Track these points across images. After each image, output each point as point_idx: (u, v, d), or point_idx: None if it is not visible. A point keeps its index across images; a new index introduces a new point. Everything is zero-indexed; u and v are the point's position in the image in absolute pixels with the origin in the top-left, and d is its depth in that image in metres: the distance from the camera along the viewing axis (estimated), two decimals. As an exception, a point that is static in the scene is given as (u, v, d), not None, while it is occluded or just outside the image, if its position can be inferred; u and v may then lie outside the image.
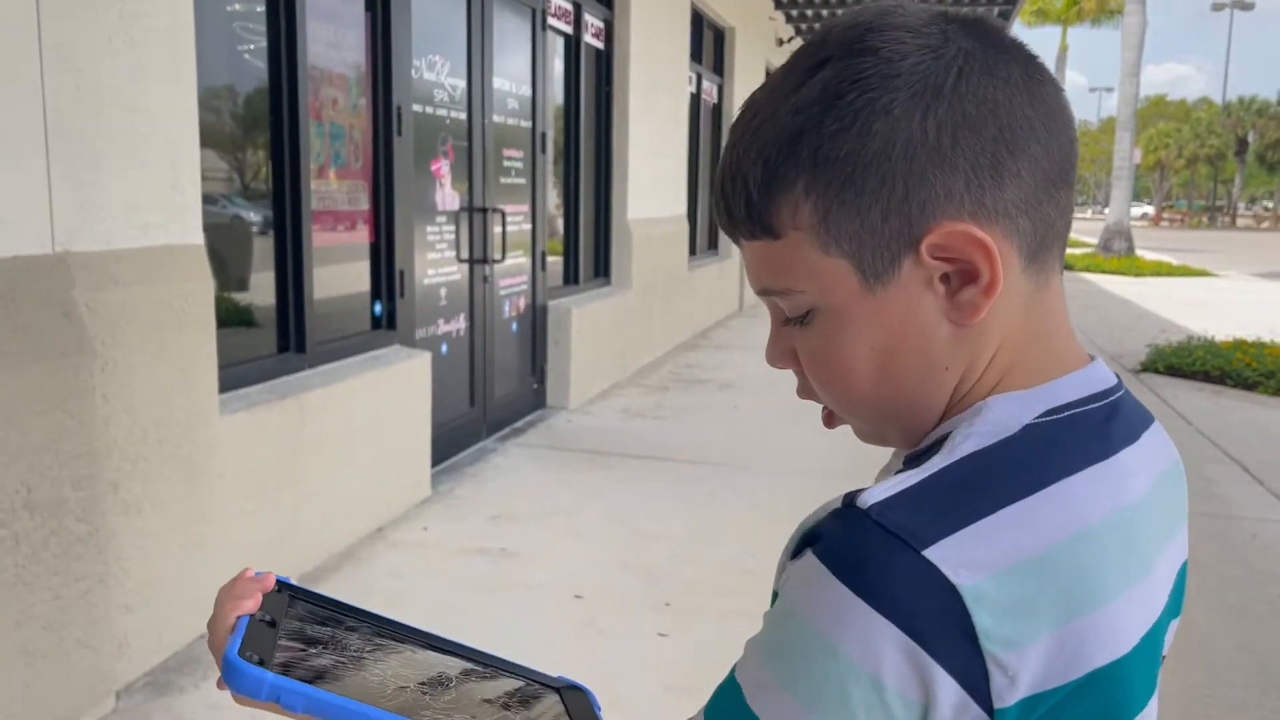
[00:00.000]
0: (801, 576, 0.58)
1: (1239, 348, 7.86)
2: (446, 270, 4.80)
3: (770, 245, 0.65)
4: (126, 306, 2.63)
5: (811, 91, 0.62)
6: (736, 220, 0.66)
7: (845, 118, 0.60)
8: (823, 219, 0.62)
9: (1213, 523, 4.37)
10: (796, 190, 0.62)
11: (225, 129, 3.43)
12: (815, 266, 0.64)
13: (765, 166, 0.63)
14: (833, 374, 0.67)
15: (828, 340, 0.66)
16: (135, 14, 2.64)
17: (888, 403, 0.67)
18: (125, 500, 2.65)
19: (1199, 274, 18.57)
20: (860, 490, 0.59)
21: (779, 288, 0.66)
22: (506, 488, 4.51)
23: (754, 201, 0.64)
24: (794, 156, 0.62)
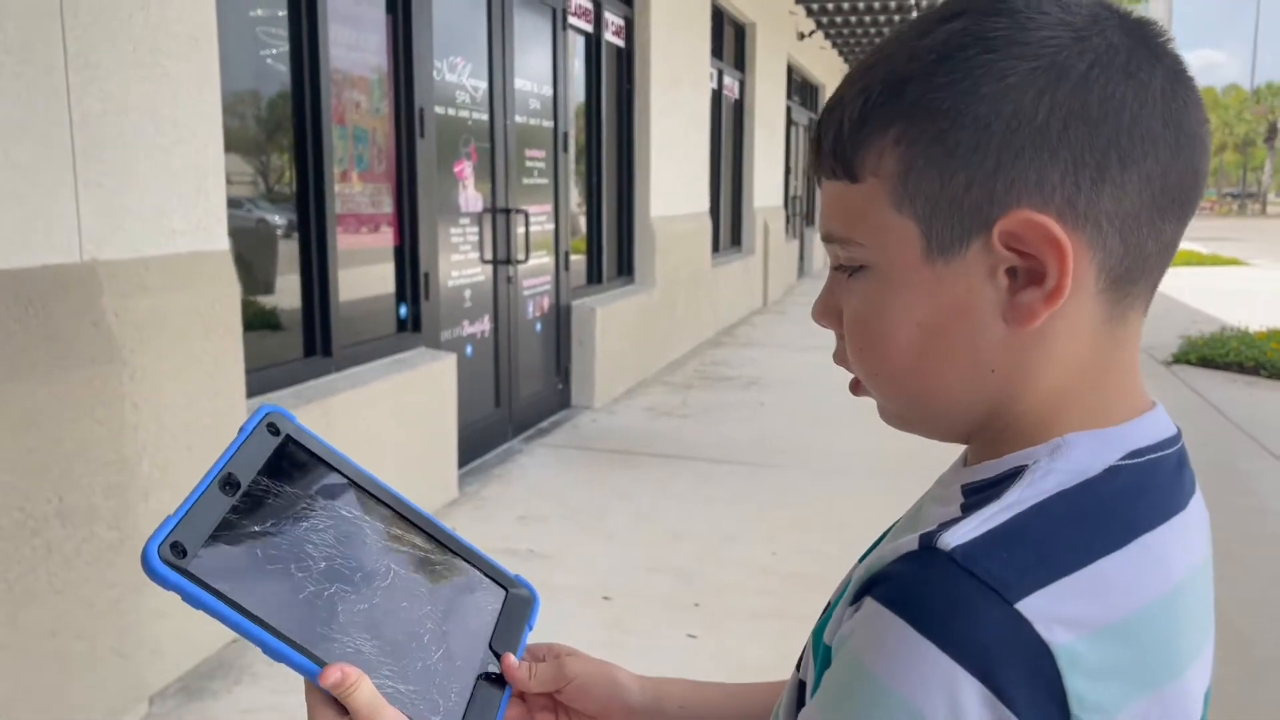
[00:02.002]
0: (872, 629, 0.53)
1: (1274, 338, 7.74)
2: (470, 272, 4.80)
3: (846, 188, 0.61)
4: (155, 314, 2.64)
5: (934, 40, 0.58)
6: (822, 154, 0.63)
7: (957, 72, 0.56)
8: (904, 172, 0.58)
9: (1250, 518, 4.30)
10: (887, 136, 0.59)
11: (249, 134, 3.44)
12: (883, 222, 0.60)
13: (865, 104, 0.60)
14: (871, 341, 0.63)
15: (875, 304, 0.62)
16: (160, 22, 2.65)
17: (921, 388, 0.63)
18: (155, 507, 2.66)
19: (1230, 263, 18.33)
20: (936, 530, 0.54)
21: (841, 235, 0.62)
22: (533, 488, 4.50)
23: (843, 138, 0.61)
24: (895, 101, 0.58)
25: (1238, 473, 4.93)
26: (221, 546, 0.63)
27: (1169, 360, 7.83)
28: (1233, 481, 4.79)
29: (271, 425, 0.70)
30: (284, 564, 0.67)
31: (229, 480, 0.65)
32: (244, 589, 0.63)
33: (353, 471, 0.76)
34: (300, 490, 0.71)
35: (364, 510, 0.75)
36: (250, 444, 0.68)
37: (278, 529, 0.67)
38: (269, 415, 0.70)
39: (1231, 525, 4.16)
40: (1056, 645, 0.50)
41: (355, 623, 0.68)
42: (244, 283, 3.16)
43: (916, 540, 0.54)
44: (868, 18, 13.08)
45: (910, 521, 0.66)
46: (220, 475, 0.65)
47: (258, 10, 3.41)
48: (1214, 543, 2.25)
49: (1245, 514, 4.34)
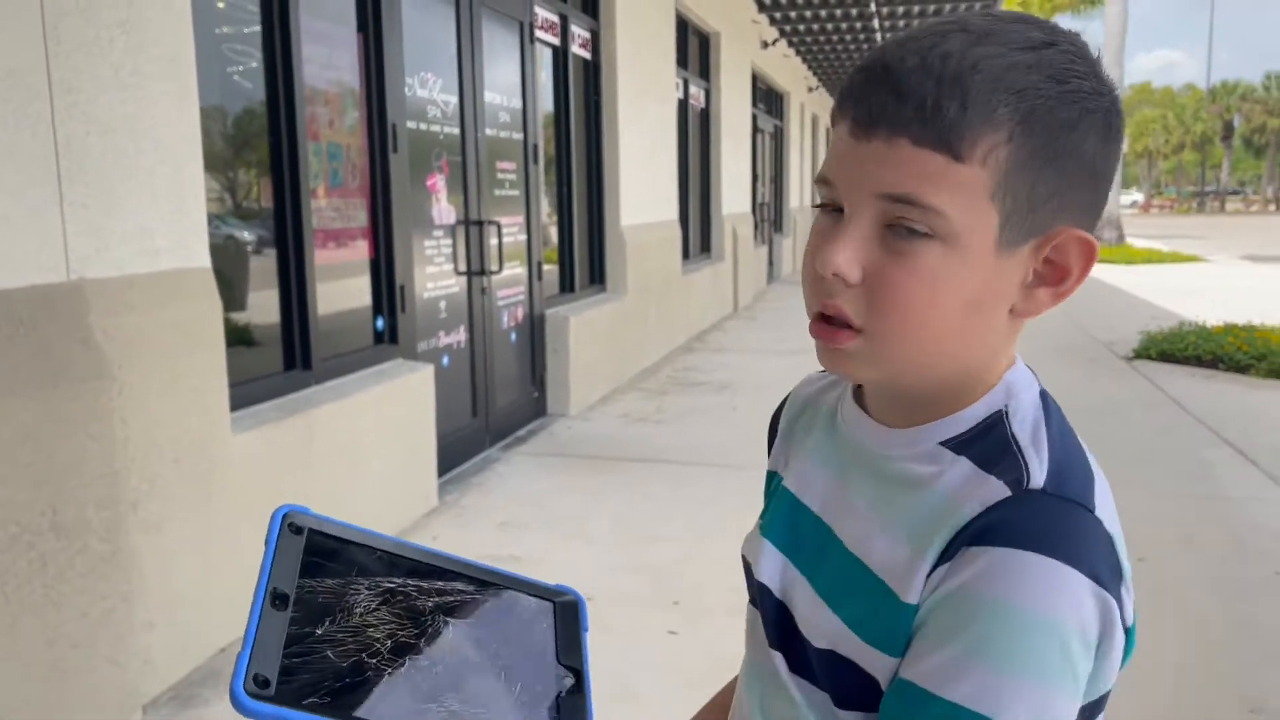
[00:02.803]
0: (1007, 569, 0.63)
1: (1230, 332, 7.95)
2: (445, 283, 4.88)
3: (940, 160, 0.65)
4: (141, 330, 2.70)
5: (1044, 59, 0.66)
6: (926, 121, 0.65)
7: (1068, 100, 0.66)
8: (1008, 170, 0.66)
9: (1209, 504, 4.45)
10: (1001, 133, 0.65)
11: (228, 153, 3.50)
12: (974, 205, 0.66)
13: (990, 92, 0.64)
14: (915, 304, 0.68)
15: (934, 272, 0.67)
16: (140, 45, 2.72)
17: (939, 354, 0.71)
18: (145, 519, 2.72)
19: (1190, 260, 18.71)
20: (1014, 476, 0.67)
21: (927, 201, 0.66)
22: (512, 495, 4.58)
23: (957, 118, 0.64)
24: (1019, 102, 0.65)
25: (1196, 461, 5.09)
26: (296, 661, 0.66)
27: (1130, 356, 8.02)
28: (1191, 470, 4.95)
29: (292, 525, 0.71)
30: (356, 656, 0.69)
31: (277, 596, 0.67)
32: (333, 695, 0.66)
33: (378, 541, 0.77)
34: (341, 578, 0.72)
35: (402, 574, 0.76)
36: (280, 552, 0.69)
37: (337, 624, 0.70)
38: (286, 516, 0.71)
39: (1190, 512, 4.31)
40: (1115, 535, 0.67)
41: (438, 686, 0.71)
42: (225, 298, 3.22)
43: (1005, 488, 0.66)
44: (830, 25, 13.27)
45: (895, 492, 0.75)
46: (268, 594, 0.67)
47: (233, 30, 3.48)
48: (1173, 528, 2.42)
49: (1203, 501, 4.49)
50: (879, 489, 0.76)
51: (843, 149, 0.70)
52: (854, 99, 0.69)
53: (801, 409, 0.93)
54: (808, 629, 0.76)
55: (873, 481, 0.77)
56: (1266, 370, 7.15)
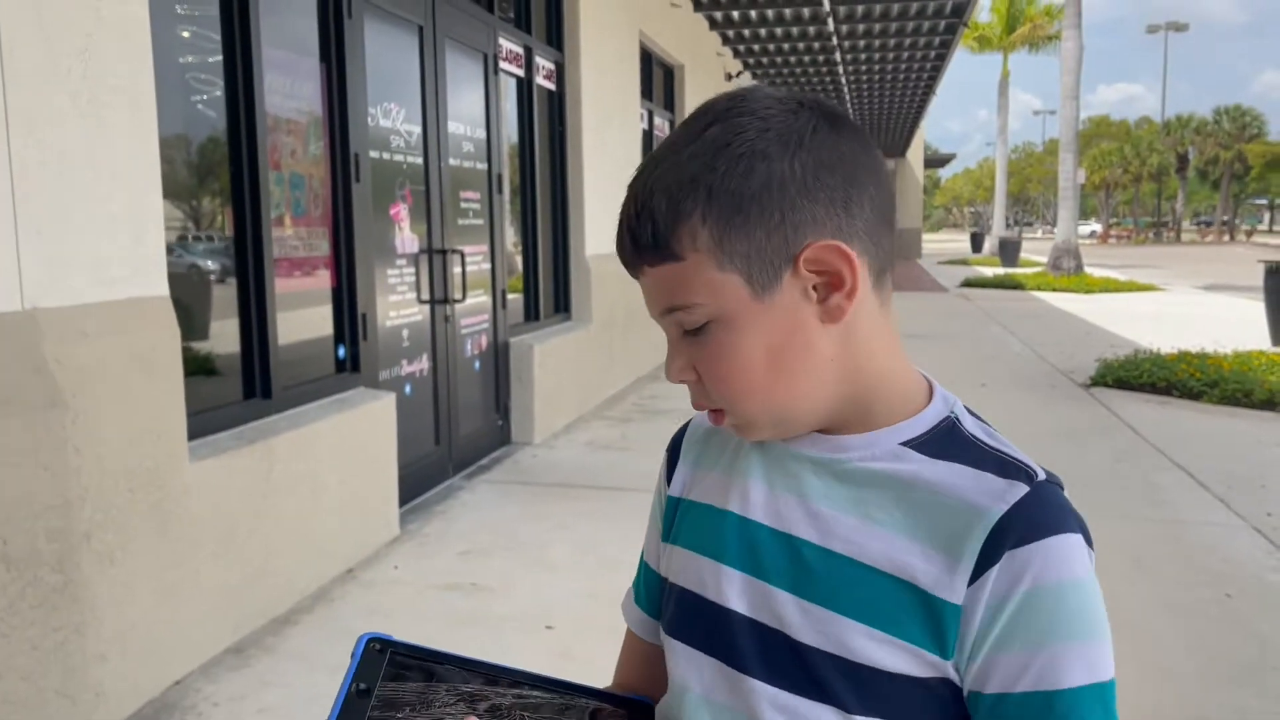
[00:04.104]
0: (1060, 554, 0.74)
1: (1183, 359, 8.10)
2: (408, 312, 4.88)
3: (673, 268, 0.77)
4: (95, 359, 2.68)
5: (704, 144, 0.77)
6: (643, 249, 0.78)
7: (731, 161, 0.75)
8: (718, 242, 0.76)
9: (1161, 528, 4.52)
10: (694, 219, 0.76)
11: (187, 181, 3.50)
12: (713, 281, 0.77)
13: (669, 201, 0.76)
14: (731, 373, 0.79)
15: (725, 345, 0.78)
16: (97, 73, 2.72)
17: (784, 396, 0.80)
18: (98, 550, 2.68)
19: (1146, 289, 19.05)
20: (1023, 470, 0.77)
21: (682, 303, 0.78)
22: (475, 524, 4.56)
23: (660, 231, 0.77)
24: (693, 193, 0.76)
25: (1150, 486, 5.18)
26: None
27: (1088, 383, 8.15)
28: (1145, 494, 5.03)
29: (375, 645, 0.78)
30: None
31: (361, 690, 0.74)
32: None
33: (458, 659, 0.83)
34: (422, 683, 0.79)
35: (481, 680, 0.83)
36: (364, 663, 0.76)
37: (417, 712, 0.77)
38: (370, 641, 0.78)
39: (1144, 535, 4.38)
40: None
41: None
42: (184, 327, 3.20)
43: (1023, 485, 0.76)
44: (793, 58, 13.47)
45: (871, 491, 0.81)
46: (352, 688, 0.74)
47: (195, 59, 3.49)
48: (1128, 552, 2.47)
49: (1157, 525, 4.57)
50: (848, 490, 0.81)
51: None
52: (618, 252, 0.82)
53: (707, 435, 0.96)
54: (808, 636, 0.80)
55: (836, 484, 0.82)
56: (1218, 397, 7.29)
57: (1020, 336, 11.31)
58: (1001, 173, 33.23)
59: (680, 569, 0.91)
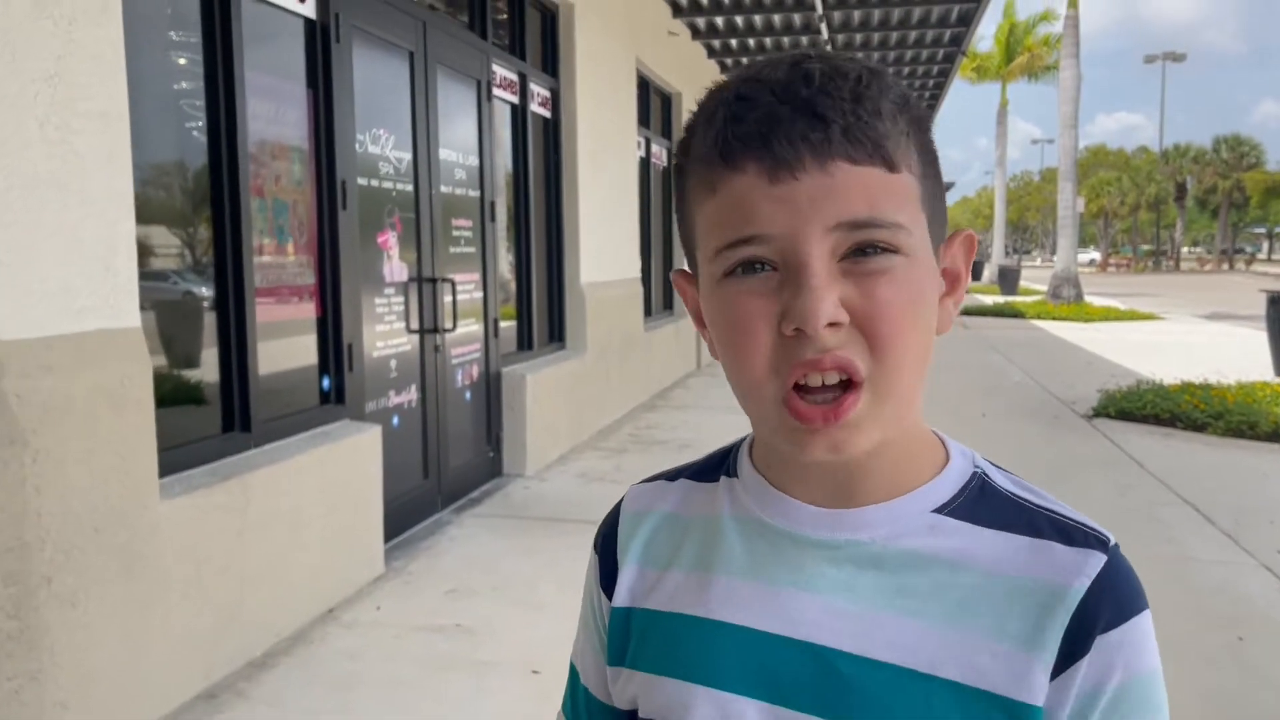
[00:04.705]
0: (1140, 640, 0.66)
1: (1187, 390, 7.99)
2: (396, 341, 4.77)
3: (884, 176, 0.62)
4: (59, 394, 2.57)
5: (895, 85, 0.65)
6: (854, 138, 0.61)
7: (921, 116, 0.66)
8: (921, 176, 0.65)
9: (1168, 566, 4.39)
10: (911, 142, 0.64)
11: (165, 207, 3.40)
12: (916, 214, 0.64)
13: (887, 101, 0.63)
14: (917, 323, 0.63)
15: (916, 287, 0.63)
16: (67, 99, 2.63)
17: (919, 376, 0.66)
18: (59, 593, 2.56)
19: (1146, 318, 18.96)
20: (1091, 534, 0.68)
21: (888, 219, 0.62)
22: (462, 561, 4.43)
23: (881, 127, 0.62)
24: (903, 107, 0.64)
25: (1155, 522, 5.05)
26: None
27: (1090, 414, 8.03)
28: (1151, 530, 4.90)
29: None
30: None
31: None
32: None
33: None
34: None
35: None
36: None
37: None
38: None
39: (1150, 574, 4.21)
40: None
41: None
42: (163, 357, 3.10)
43: (1099, 554, 0.66)
44: (791, 86, 13.42)
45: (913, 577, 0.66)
46: None
47: (175, 83, 3.40)
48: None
49: (1164, 562, 4.44)
50: (879, 579, 0.66)
51: (762, 197, 0.61)
52: (758, 140, 0.61)
53: (654, 528, 0.78)
54: None
55: (861, 573, 0.67)
56: (1223, 429, 7.18)
57: (1021, 366, 11.20)
58: (1000, 201, 33.26)
59: (654, 700, 0.72)
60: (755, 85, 0.63)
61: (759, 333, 0.63)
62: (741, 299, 0.63)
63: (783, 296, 0.62)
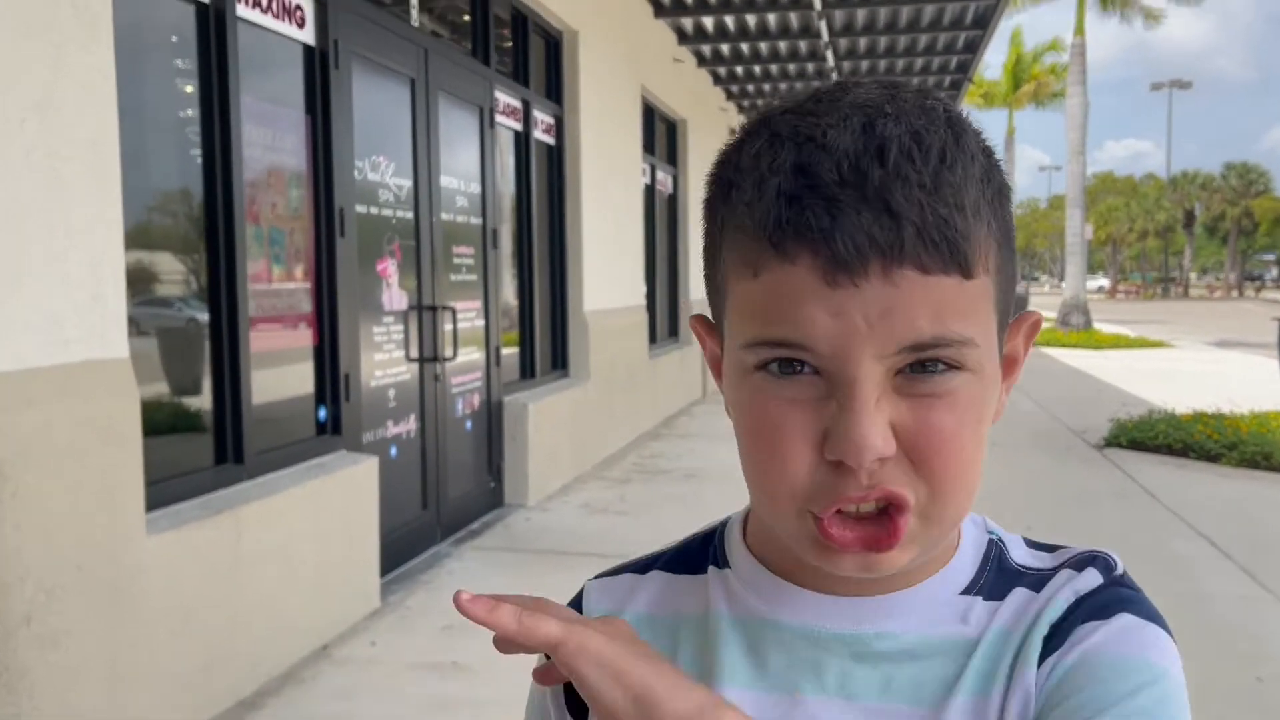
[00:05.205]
0: (1156, 643, 0.58)
1: (1200, 420, 7.87)
2: (395, 370, 4.71)
3: (954, 284, 0.53)
4: (42, 426, 2.50)
5: (977, 147, 0.56)
6: (926, 239, 0.51)
7: (1003, 185, 0.58)
8: (998, 269, 0.56)
9: (1184, 602, 4.28)
10: (988, 230, 0.55)
11: (158, 234, 3.35)
12: (988, 320, 0.55)
13: (967, 188, 0.53)
14: (971, 447, 0.55)
15: (973, 406, 0.55)
16: (55, 127, 2.58)
17: (972, 499, 0.59)
18: (40, 634, 2.48)
19: (1156, 345, 18.84)
20: (1096, 569, 0.61)
21: (959, 335, 0.53)
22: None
23: (958, 224, 0.52)
24: (984, 188, 0.55)
25: (1170, 556, 4.94)
26: None
27: (1101, 444, 7.92)
28: (1166, 565, 4.79)
29: None
30: None
31: None
32: None
33: None
34: None
35: None
36: None
37: None
38: None
39: (1165, 611, 4.11)
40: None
41: None
42: (155, 386, 3.04)
43: (1096, 576, 0.60)
44: (797, 114, 13.41)
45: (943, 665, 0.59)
46: None
47: (170, 110, 3.36)
48: None
49: (1179, 599, 4.32)
50: (920, 672, 0.59)
51: (814, 301, 0.52)
52: (819, 235, 0.51)
53: (641, 625, 0.66)
54: None
55: (898, 669, 0.59)
56: (1237, 459, 7.06)
57: (1030, 394, 11.09)
58: (1008, 228, 33.17)
59: None
60: (819, 154, 0.53)
61: (796, 453, 0.54)
62: (776, 406, 0.55)
63: (825, 413, 0.54)
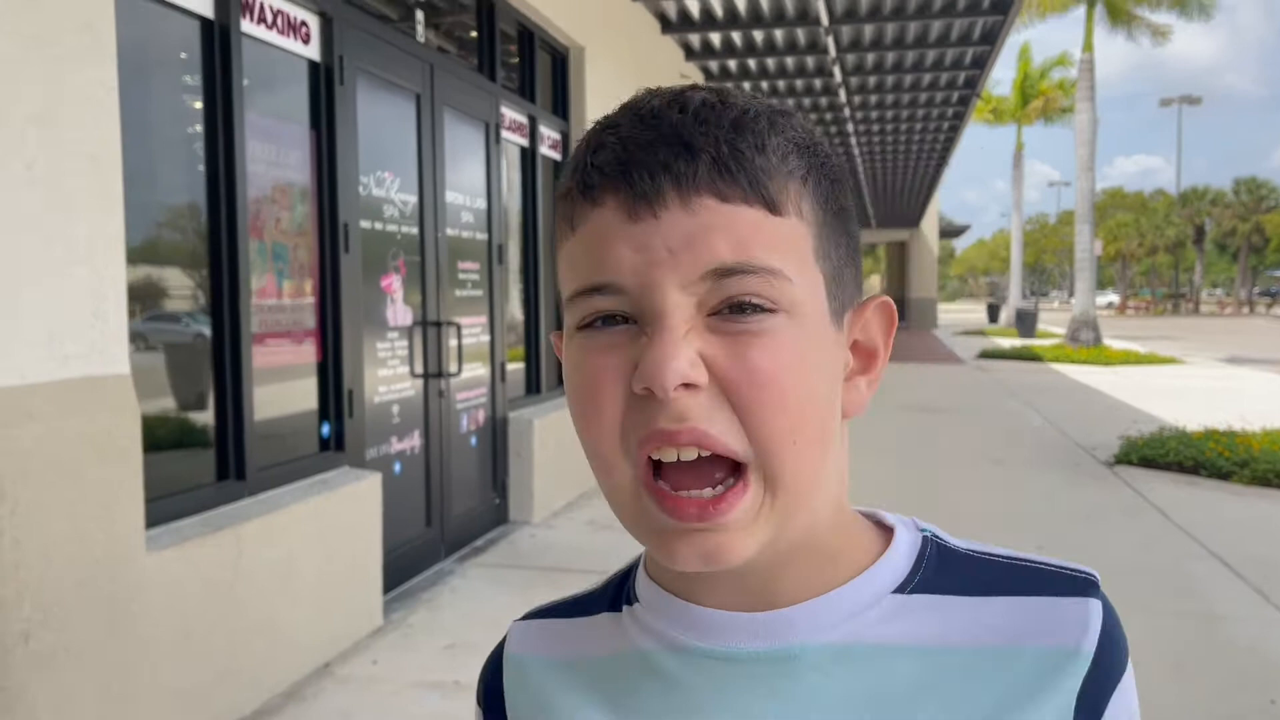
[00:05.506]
0: (1130, 690, 0.59)
1: (1211, 437, 7.81)
2: (399, 386, 4.69)
3: (763, 217, 0.53)
4: (41, 442, 2.49)
5: (802, 136, 0.57)
6: (726, 171, 0.52)
7: (836, 158, 0.59)
8: (819, 225, 0.56)
9: (1197, 624, 4.22)
10: (800, 181, 0.55)
11: (161, 249, 3.34)
12: (806, 267, 0.55)
13: (772, 136, 0.55)
14: (800, 392, 0.53)
15: (795, 352, 0.53)
16: (56, 140, 2.57)
17: (822, 467, 0.56)
18: (37, 652, 2.46)
19: (1167, 362, 18.73)
20: (1087, 580, 0.58)
21: (765, 264, 0.52)
22: (464, 614, 4.31)
23: (759, 160, 0.54)
24: (807, 152, 0.56)
25: (1182, 576, 4.88)
26: None
27: (1111, 461, 7.86)
28: (1178, 585, 4.73)
29: None
30: None
31: None
32: None
33: None
34: None
35: None
36: None
37: None
38: None
39: (1178, 632, 4.08)
40: None
41: None
42: (158, 402, 3.02)
43: (1095, 600, 0.57)
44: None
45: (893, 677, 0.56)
46: None
47: (175, 125, 3.36)
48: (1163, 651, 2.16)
49: (1192, 619, 4.27)
50: (851, 683, 0.55)
51: (619, 237, 0.53)
52: (617, 171, 0.53)
53: (548, 678, 0.65)
54: None
55: (830, 680, 0.56)
56: (1249, 477, 6.99)
57: (1040, 411, 11.02)
58: (1017, 244, 33.15)
59: None
60: (627, 112, 0.56)
61: (607, 393, 0.53)
62: (594, 356, 0.54)
63: (637, 351, 0.52)
